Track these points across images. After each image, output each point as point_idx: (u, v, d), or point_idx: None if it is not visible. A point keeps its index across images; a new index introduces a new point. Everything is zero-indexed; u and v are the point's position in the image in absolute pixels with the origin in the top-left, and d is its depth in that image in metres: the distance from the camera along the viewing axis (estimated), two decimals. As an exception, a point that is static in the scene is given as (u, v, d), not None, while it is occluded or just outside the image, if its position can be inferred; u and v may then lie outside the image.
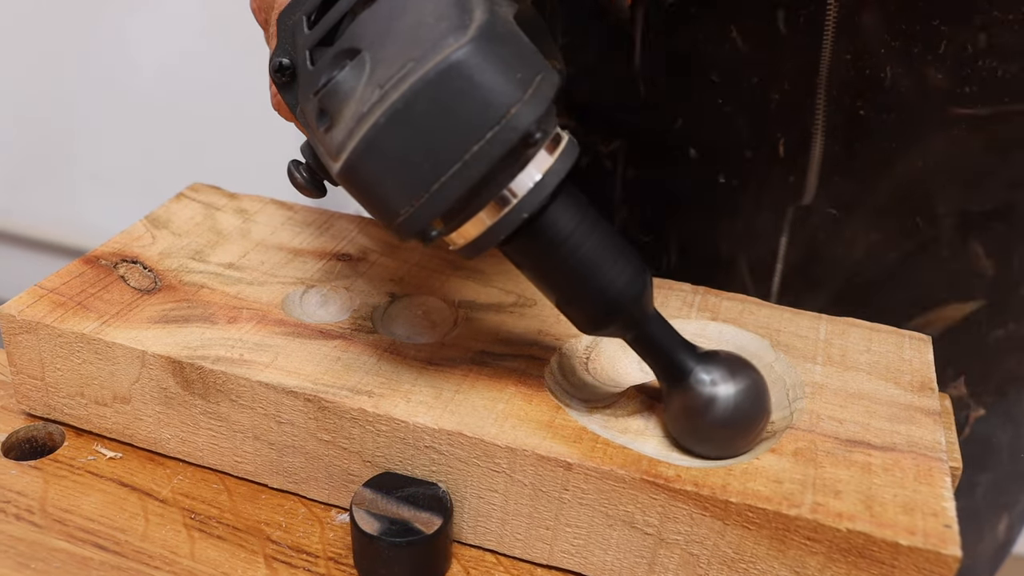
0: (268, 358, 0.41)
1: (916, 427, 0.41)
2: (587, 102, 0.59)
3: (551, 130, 0.34)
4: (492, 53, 0.32)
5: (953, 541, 0.35)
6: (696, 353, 0.38)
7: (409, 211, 0.33)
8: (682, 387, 0.38)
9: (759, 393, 0.38)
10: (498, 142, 0.32)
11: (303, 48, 0.36)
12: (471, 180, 0.32)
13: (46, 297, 0.44)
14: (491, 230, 0.35)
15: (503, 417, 0.39)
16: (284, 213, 0.53)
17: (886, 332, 0.47)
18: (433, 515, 0.38)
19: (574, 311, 0.37)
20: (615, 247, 0.36)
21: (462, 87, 0.31)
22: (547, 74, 0.33)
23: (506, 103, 0.32)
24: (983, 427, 0.63)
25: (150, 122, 1.77)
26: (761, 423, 0.39)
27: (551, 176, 0.34)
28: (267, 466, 0.43)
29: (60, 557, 0.40)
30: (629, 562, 0.39)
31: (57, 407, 0.45)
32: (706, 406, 0.37)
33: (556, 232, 0.35)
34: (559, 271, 0.36)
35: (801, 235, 0.57)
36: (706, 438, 0.38)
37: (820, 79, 0.50)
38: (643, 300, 0.37)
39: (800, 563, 0.36)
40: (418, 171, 0.32)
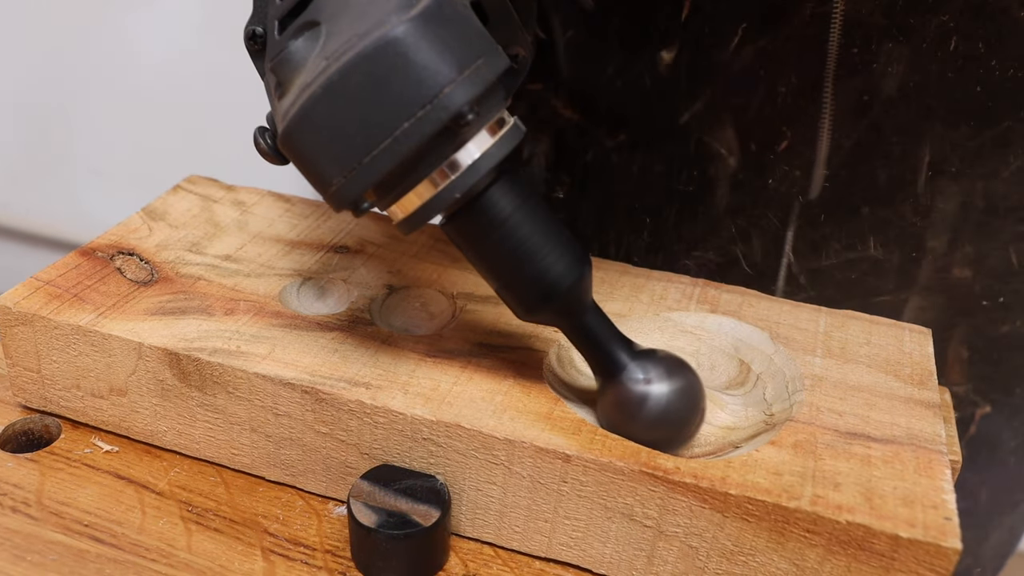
0: (265, 350, 0.41)
1: (916, 420, 0.40)
2: (593, 95, 0.59)
3: (491, 112, 0.35)
4: (431, 33, 0.32)
5: (953, 533, 0.35)
6: (632, 349, 0.38)
7: (341, 182, 0.34)
8: (615, 382, 0.38)
9: (693, 394, 0.38)
10: (428, 120, 0.32)
11: (273, 18, 0.37)
12: (401, 155, 0.33)
13: (42, 289, 0.44)
14: (425, 206, 0.35)
15: (501, 409, 0.39)
16: (281, 205, 0.53)
17: (886, 325, 0.46)
18: (431, 508, 0.38)
19: (510, 295, 0.38)
20: (554, 235, 0.37)
21: (396, 63, 0.32)
22: (490, 58, 0.34)
23: (439, 82, 0.32)
24: (989, 425, 0.62)
25: (148, 116, 1.76)
26: (693, 425, 0.38)
27: (488, 158, 0.35)
28: (264, 458, 0.42)
29: (56, 550, 0.39)
30: (628, 555, 0.38)
31: (53, 399, 0.45)
32: (638, 404, 0.37)
33: (494, 214, 0.36)
34: (496, 254, 0.37)
35: (806, 229, 0.56)
36: (635, 436, 0.38)
37: (827, 73, 0.50)
38: (579, 289, 0.37)
39: (799, 555, 0.36)
40: (350, 143, 0.33)
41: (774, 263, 0.58)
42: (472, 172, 0.34)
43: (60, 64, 1.77)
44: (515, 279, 0.37)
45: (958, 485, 0.63)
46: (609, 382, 0.38)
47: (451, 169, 0.34)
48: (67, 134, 1.86)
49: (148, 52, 1.70)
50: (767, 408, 0.41)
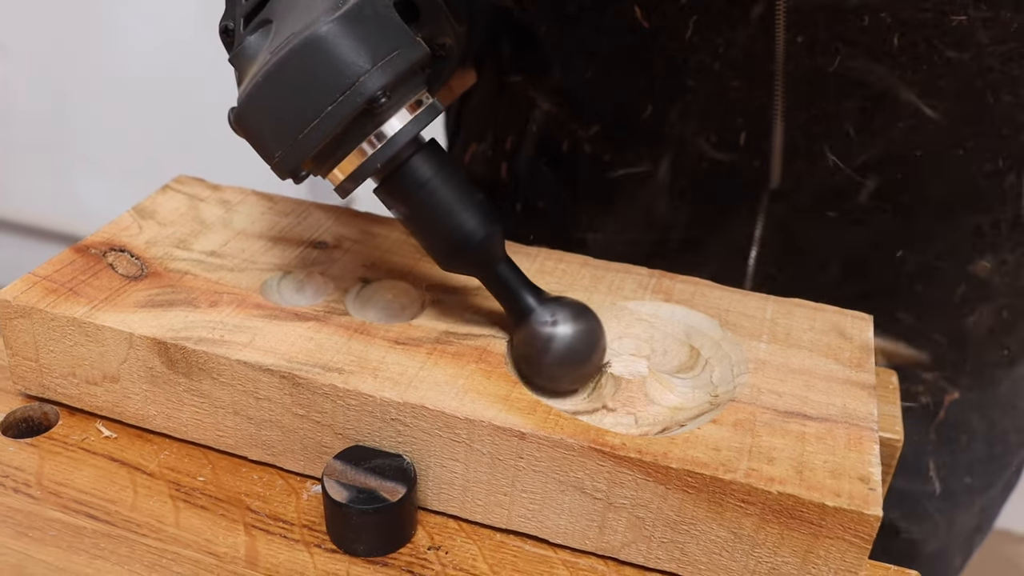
0: (246, 339, 0.44)
1: (851, 399, 0.43)
2: (566, 89, 0.62)
3: (405, 95, 0.41)
4: (350, 31, 0.39)
5: (876, 503, 0.38)
6: (542, 296, 0.44)
7: (281, 154, 0.40)
8: (525, 323, 0.43)
9: (594, 335, 0.44)
10: (346, 103, 0.39)
11: (239, 15, 0.44)
12: (328, 133, 0.39)
13: (39, 284, 0.47)
14: (355, 172, 0.41)
15: (463, 391, 0.42)
16: (264, 204, 0.56)
17: (830, 312, 0.49)
18: (398, 484, 0.41)
19: (432, 249, 0.44)
20: (467, 198, 0.43)
21: (320, 58, 0.39)
22: (405, 50, 0.40)
23: (355, 72, 0.39)
24: (957, 410, 0.64)
25: (141, 109, 1.79)
26: (594, 363, 0.44)
27: (404, 133, 0.41)
28: (246, 439, 0.45)
29: (55, 526, 0.42)
30: (581, 525, 0.41)
31: (51, 387, 0.48)
32: (545, 342, 0.43)
33: (416, 179, 0.42)
34: (418, 213, 0.43)
35: (775, 219, 0.58)
36: (543, 372, 0.43)
37: (776, 63, 0.52)
38: (490, 243, 0.43)
39: (737, 524, 0.39)
40: (286, 123, 0.40)
41: (744, 253, 0.60)
42: (391, 144, 0.41)
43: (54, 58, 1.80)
44: (435, 235, 0.43)
45: (926, 468, 0.66)
46: (520, 324, 0.44)
47: (377, 141, 0.41)
48: (60, 127, 1.88)
49: (141, 44, 1.73)
50: (713, 390, 0.44)
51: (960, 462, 0.66)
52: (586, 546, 0.42)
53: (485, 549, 0.42)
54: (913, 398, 0.63)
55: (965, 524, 0.70)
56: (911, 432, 0.64)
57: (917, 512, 0.66)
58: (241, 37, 0.43)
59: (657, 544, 0.41)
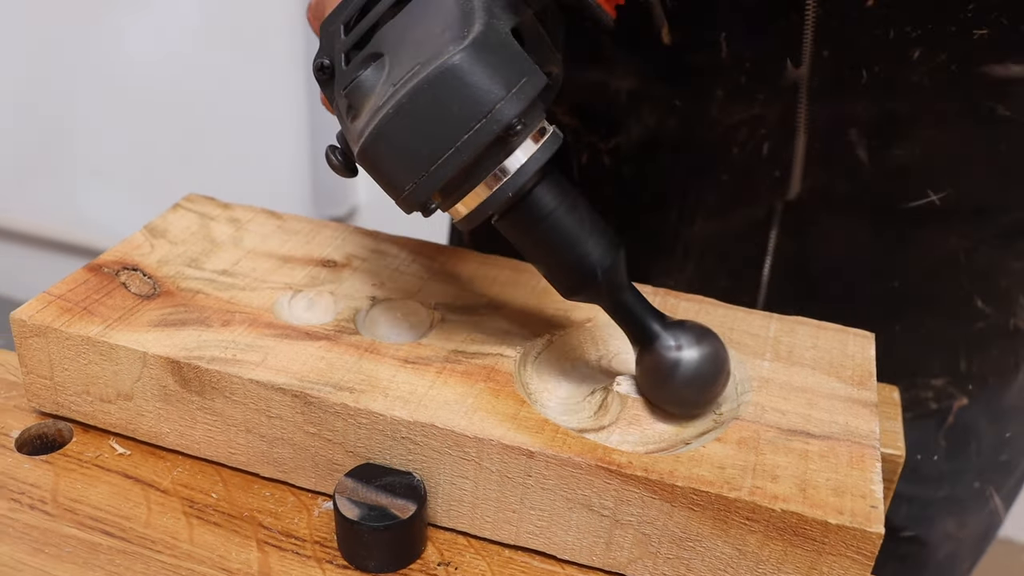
0: (259, 358, 0.45)
1: (853, 417, 0.44)
2: (587, 103, 0.63)
3: (534, 123, 0.40)
4: (482, 60, 0.38)
5: (878, 520, 0.38)
6: (665, 321, 0.43)
7: (412, 187, 0.40)
8: (651, 350, 0.43)
9: (719, 358, 0.43)
10: (483, 132, 0.38)
11: (340, 51, 0.43)
12: (462, 163, 0.39)
13: (54, 303, 0.48)
14: (483, 205, 0.41)
15: (472, 410, 0.43)
16: (274, 222, 0.57)
17: (832, 330, 0.50)
18: (408, 502, 0.42)
19: (555, 278, 0.43)
20: (592, 224, 0.42)
21: (455, 87, 0.38)
22: (532, 77, 0.39)
23: (491, 100, 0.38)
24: (966, 416, 0.65)
25: (148, 119, 1.80)
26: (720, 384, 0.43)
27: (533, 162, 0.40)
28: (259, 457, 0.46)
29: (71, 543, 0.43)
30: (588, 541, 0.42)
31: (65, 404, 0.49)
32: (671, 368, 0.42)
33: (540, 209, 0.42)
34: (543, 243, 0.42)
35: (789, 229, 0.59)
36: (671, 397, 0.43)
37: (801, 77, 0.53)
38: (615, 270, 0.42)
39: (741, 541, 0.40)
40: (418, 155, 0.39)
41: (758, 262, 0.61)
42: (521, 174, 0.40)
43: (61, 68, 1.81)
44: (559, 265, 0.43)
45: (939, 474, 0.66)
46: (645, 350, 0.43)
47: (503, 173, 0.40)
48: (65, 137, 1.89)
49: (145, 55, 1.74)
50: (717, 408, 0.45)
51: (969, 468, 0.67)
52: (593, 562, 0.43)
53: (494, 565, 0.43)
54: (922, 405, 0.64)
55: (974, 530, 0.71)
56: (920, 438, 0.65)
57: (926, 518, 0.67)
58: (347, 72, 0.42)
59: (663, 560, 0.41)
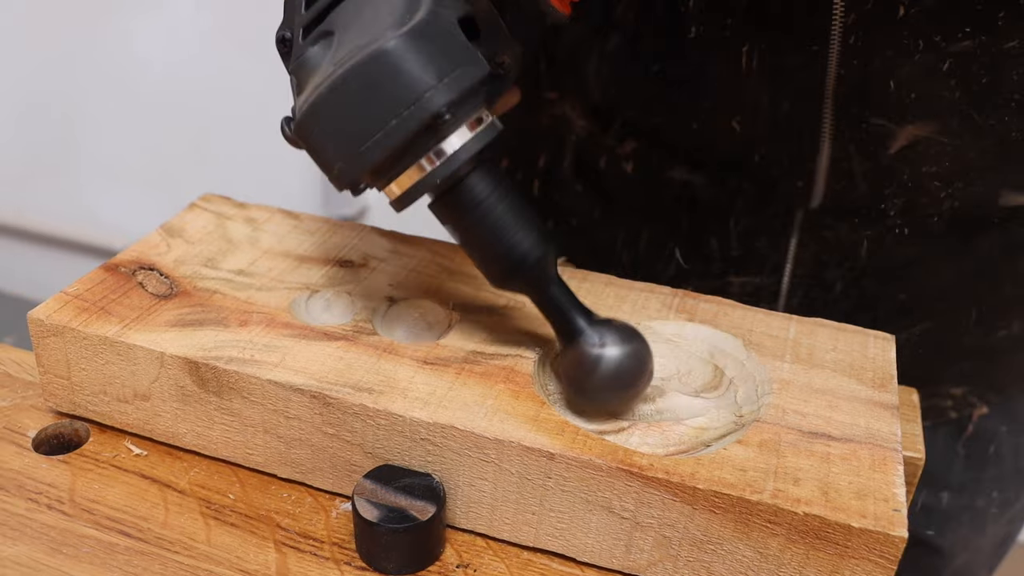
0: (276, 358, 0.45)
1: (874, 420, 0.44)
2: (605, 106, 0.62)
3: (467, 113, 0.41)
4: (417, 47, 0.39)
5: (901, 524, 0.38)
6: (591, 318, 0.43)
7: (341, 166, 0.40)
8: (574, 345, 0.43)
9: (642, 358, 0.43)
10: (411, 118, 0.39)
11: (298, 25, 0.43)
12: (390, 147, 0.39)
13: (71, 303, 0.48)
14: (413, 188, 0.41)
15: (492, 412, 0.42)
16: (290, 222, 0.56)
17: (852, 332, 0.50)
18: (427, 503, 0.42)
19: (485, 267, 0.44)
20: (523, 217, 0.43)
21: (387, 72, 0.39)
22: (469, 67, 0.40)
23: (421, 88, 0.39)
24: (986, 425, 0.65)
25: (159, 120, 1.80)
26: (641, 385, 0.43)
27: (464, 151, 0.41)
28: (276, 458, 0.46)
29: (89, 543, 0.43)
30: (608, 544, 0.42)
31: (82, 404, 0.49)
32: (592, 364, 0.42)
33: (472, 196, 0.42)
34: (474, 230, 0.43)
35: (810, 237, 0.59)
36: (588, 392, 0.43)
37: (827, 86, 0.53)
38: (543, 264, 0.43)
39: (763, 544, 0.40)
40: (348, 135, 0.40)
41: (778, 270, 0.61)
42: (451, 161, 0.41)
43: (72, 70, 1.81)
44: (489, 253, 0.43)
45: (957, 483, 0.66)
46: (568, 345, 0.43)
47: (436, 157, 0.41)
48: (79, 138, 1.90)
49: (157, 56, 1.74)
50: (737, 410, 0.45)
51: (988, 476, 0.67)
52: (613, 565, 0.42)
53: (513, 567, 0.43)
54: (942, 413, 0.64)
55: (992, 537, 0.70)
56: (940, 447, 0.64)
57: (944, 526, 0.67)
58: (301, 47, 0.43)
59: (683, 563, 0.41)
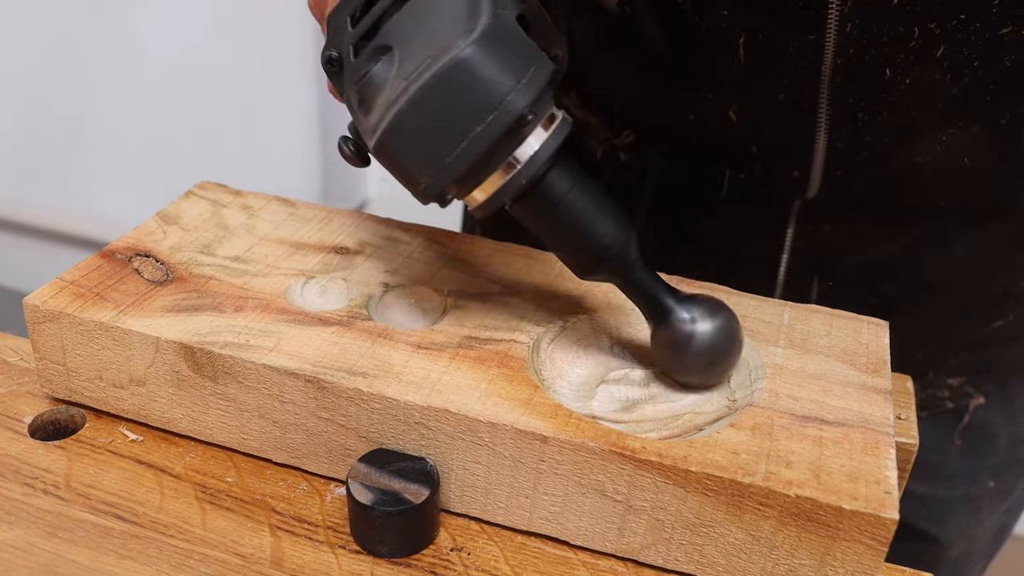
0: (272, 343, 0.45)
1: (867, 405, 0.44)
2: (603, 97, 0.62)
3: (544, 111, 0.41)
4: (492, 51, 0.38)
5: (892, 506, 0.38)
6: (678, 295, 0.44)
7: (428, 180, 0.40)
8: (665, 324, 0.44)
9: (732, 331, 0.44)
10: (496, 123, 0.39)
11: (348, 43, 0.43)
12: (476, 154, 0.39)
13: (67, 289, 0.48)
14: (498, 193, 0.42)
15: (486, 396, 0.42)
16: (286, 209, 0.57)
17: (846, 318, 0.50)
18: (421, 487, 0.42)
19: (571, 259, 0.44)
20: (604, 206, 0.43)
21: (466, 80, 0.38)
22: (540, 66, 0.40)
23: (502, 92, 0.39)
24: (982, 415, 0.65)
25: (159, 113, 1.80)
26: (733, 355, 0.44)
27: (545, 149, 0.41)
28: (271, 442, 0.46)
29: (84, 527, 0.43)
30: (601, 527, 0.42)
31: (78, 390, 0.49)
32: (685, 341, 0.43)
33: (553, 193, 0.42)
34: (557, 226, 0.43)
35: (807, 227, 0.59)
36: (685, 369, 0.44)
37: (823, 76, 0.52)
38: (627, 250, 0.43)
39: (755, 526, 0.40)
40: (433, 148, 0.40)
41: (775, 260, 0.61)
42: (534, 161, 0.41)
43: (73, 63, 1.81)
44: (574, 246, 0.44)
45: (954, 473, 0.66)
46: (659, 325, 0.44)
47: (517, 161, 0.41)
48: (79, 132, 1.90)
49: (156, 50, 1.74)
50: (731, 394, 0.45)
51: (984, 466, 0.67)
52: (606, 548, 0.43)
53: (507, 551, 0.43)
54: (938, 403, 0.64)
55: (988, 529, 0.70)
56: (936, 437, 0.64)
57: (941, 516, 0.67)
58: (355, 65, 0.42)
59: (676, 546, 0.41)
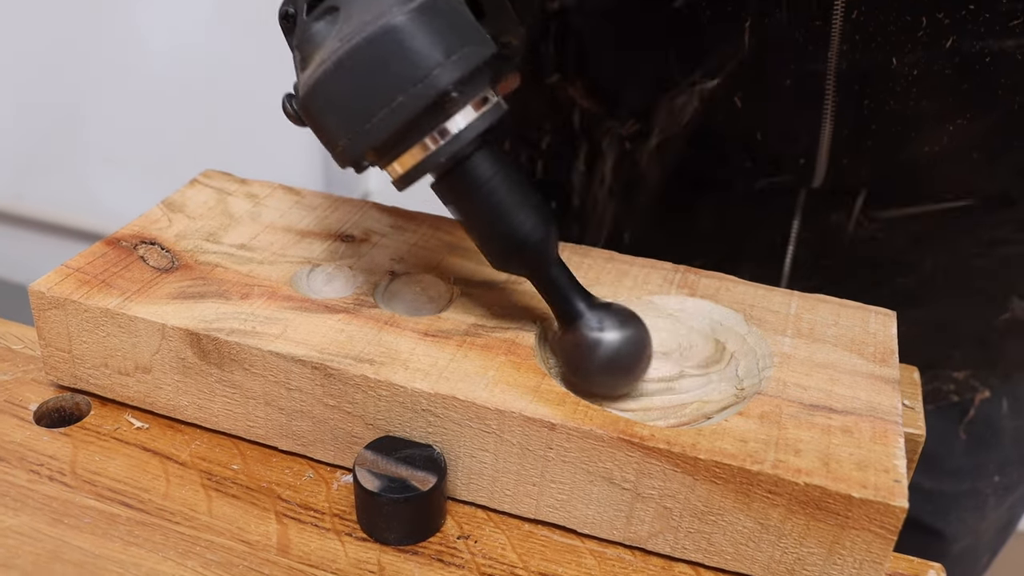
0: (278, 330, 0.45)
1: (875, 394, 0.44)
2: (609, 87, 0.62)
3: (474, 91, 0.40)
4: (425, 23, 0.38)
5: (901, 494, 0.38)
6: (592, 301, 0.43)
7: (346, 143, 0.40)
8: (573, 328, 0.43)
9: (640, 344, 0.43)
10: (418, 95, 0.39)
11: (302, 1, 0.43)
12: (395, 124, 0.39)
13: (72, 275, 0.48)
14: (417, 167, 0.41)
15: (493, 383, 0.42)
16: (292, 198, 0.56)
17: (853, 307, 0.50)
18: (428, 474, 0.42)
19: (486, 248, 0.44)
20: (525, 198, 0.42)
21: (394, 48, 0.38)
22: (476, 46, 0.40)
23: (428, 65, 0.38)
24: (988, 409, 0.64)
25: (162, 106, 1.80)
26: (640, 369, 0.43)
27: (470, 130, 0.40)
28: (277, 430, 0.46)
29: (90, 514, 0.43)
30: (609, 515, 0.42)
31: (83, 377, 0.49)
32: (591, 348, 0.42)
33: (475, 177, 0.42)
34: (476, 211, 0.43)
35: (812, 216, 0.59)
36: (588, 375, 0.43)
37: (829, 63, 0.52)
38: (545, 245, 0.43)
39: (764, 515, 0.40)
40: (354, 111, 0.39)
41: (781, 250, 0.61)
42: (456, 140, 0.40)
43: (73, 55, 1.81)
44: (491, 234, 0.43)
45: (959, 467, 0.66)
46: (568, 328, 0.43)
47: (441, 136, 0.40)
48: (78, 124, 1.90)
49: (157, 42, 1.74)
50: (739, 383, 0.45)
51: (989, 461, 0.67)
52: (614, 536, 0.43)
53: (514, 539, 0.43)
54: (944, 397, 0.64)
55: (993, 523, 0.70)
56: (941, 431, 0.64)
57: (946, 510, 0.67)
58: (305, 23, 0.42)
59: (684, 534, 0.41)
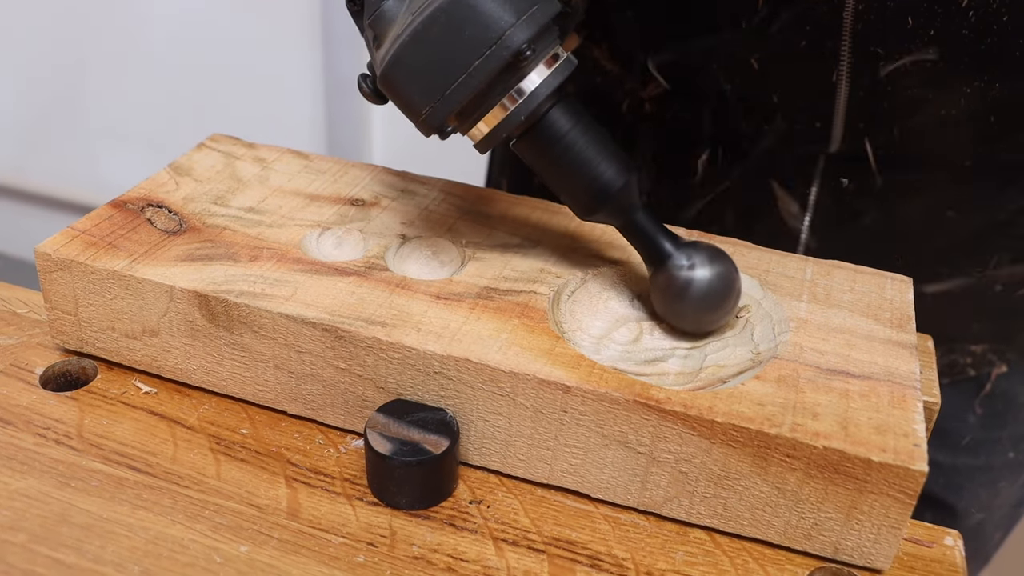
0: (288, 292, 0.44)
1: (893, 359, 0.43)
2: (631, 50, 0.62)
3: (545, 49, 0.41)
4: None
5: (921, 458, 0.38)
6: (678, 241, 0.44)
7: (428, 111, 0.41)
8: (663, 269, 0.44)
9: (730, 279, 0.44)
10: (494, 57, 0.40)
11: None
12: (475, 87, 0.40)
13: (79, 238, 0.47)
14: (497, 127, 0.42)
15: (507, 345, 0.42)
16: (300, 162, 0.56)
17: (869, 273, 0.49)
18: (441, 437, 0.41)
19: (571, 198, 0.45)
20: (605, 147, 0.44)
21: (467, 14, 0.40)
22: (543, 4, 0.41)
23: (501, 27, 0.40)
24: (1005, 384, 0.64)
25: (165, 79, 1.79)
26: (730, 303, 0.44)
27: (545, 86, 0.42)
28: (287, 394, 0.46)
29: (98, 477, 0.43)
30: (624, 480, 0.42)
31: (90, 341, 0.48)
32: (683, 287, 0.43)
33: (554, 131, 0.43)
34: (558, 164, 0.44)
35: (829, 183, 0.58)
36: (680, 314, 0.44)
37: (845, 22, 0.51)
38: (627, 191, 0.44)
39: (781, 479, 0.39)
40: (433, 80, 0.41)
41: (798, 215, 0.60)
42: (534, 97, 0.42)
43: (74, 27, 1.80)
44: (575, 185, 0.44)
45: (973, 441, 0.66)
46: (658, 269, 0.44)
47: (518, 95, 0.41)
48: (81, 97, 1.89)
49: (159, 14, 1.73)
50: (755, 348, 0.44)
51: (1005, 436, 0.66)
52: (628, 501, 0.42)
53: (527, 504, 0.43)
54: (960, 371, 0.63)
55: (1006, 500, 0.70)
56: (957, 405, 0.64)
57: (959, 485, 0.66)
58: (373, 3, 0.43)
59: (700, 499, 0.41)
